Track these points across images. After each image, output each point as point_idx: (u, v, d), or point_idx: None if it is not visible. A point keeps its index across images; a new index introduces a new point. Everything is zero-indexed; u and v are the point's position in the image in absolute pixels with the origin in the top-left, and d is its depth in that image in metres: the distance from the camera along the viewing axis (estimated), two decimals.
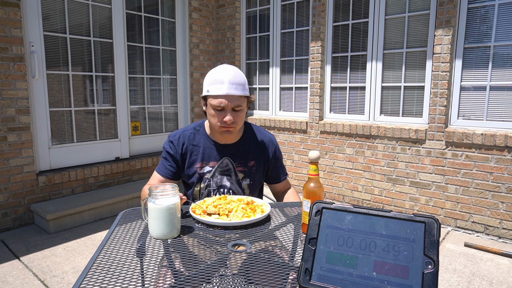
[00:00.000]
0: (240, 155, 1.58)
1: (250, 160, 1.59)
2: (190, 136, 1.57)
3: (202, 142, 1.57)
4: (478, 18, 2.97)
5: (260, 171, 1.63)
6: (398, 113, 3.48)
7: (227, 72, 1.42)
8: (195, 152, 1.56)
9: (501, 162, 2.88)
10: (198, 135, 1.58)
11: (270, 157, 1.64)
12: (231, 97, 1.40)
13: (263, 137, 1.64)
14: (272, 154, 1.64)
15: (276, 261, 1.02)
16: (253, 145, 1.61)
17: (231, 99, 1.41)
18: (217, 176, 1.55)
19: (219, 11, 4.71)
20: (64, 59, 3.49)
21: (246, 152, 1.59)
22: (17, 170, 3.10)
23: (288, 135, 4.20)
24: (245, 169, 1.58)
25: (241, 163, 1.57)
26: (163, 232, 1.12)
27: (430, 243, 0.76)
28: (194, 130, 1.59)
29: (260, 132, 1.66)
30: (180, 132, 1.59)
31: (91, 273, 0.93)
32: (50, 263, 2.54)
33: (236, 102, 1.42)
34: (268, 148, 1.63)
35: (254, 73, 4.61)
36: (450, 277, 2.40)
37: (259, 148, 1.62)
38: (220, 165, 1.55)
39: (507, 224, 2.90)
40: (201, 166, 1.55)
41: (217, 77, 1.42)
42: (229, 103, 1.41)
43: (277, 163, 1.68)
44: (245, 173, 1.58)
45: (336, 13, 3.79)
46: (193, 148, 1.56)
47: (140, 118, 4.23)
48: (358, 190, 3.72)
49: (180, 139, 1.56)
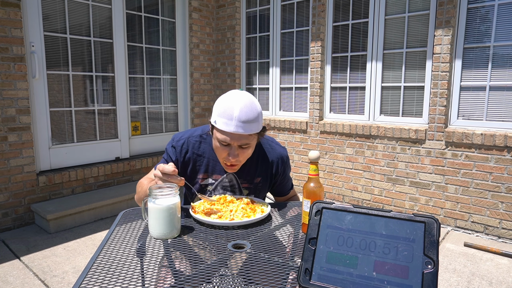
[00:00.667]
0: (246, 172, 1.49)
1: (256, 177, 1.50)
2: (195, 145, 1.47)
3: (207, 153, 1.47)
4: (478, 18, 2.97)
5: (266, 187, 1.56)
6: (398, 113, 3.48)
7: (238, 106, 1.26)
8: (198, 162, 1.47)
9: (500, 162, 2.88)
10: (204, 144, 1.48)
11: (278, 174, 1.55)
12: (238, 136, 1.28)
13: (273, 153, 1.53)
14: (281, 171, 1.55)
15: (276, 261, 1.02)
16: (261, 163, 1.51)
17: (238, 138, 1.29)
18: (219, 190, 1.49)
19: (219, 11, 4.71)
20: (64, 59, 3.50)
21: (253, 169, 1.50)
22: (17, 170, 3.11)
23: (288, 135, 4.20)
24: (250, 185, 1.51)
25: (246, 180, 1.49)
26: (163, 232, 1.12)
27: (430, 243, 0.77)
28: (201, 139, 1.48)
29: (271, 148, 1.54)
30: (185, 138, 1.48)
31: (91, 273, 0.93)
32: (50, 263, 2.54)
33: (244, 141, 1.30)
34: (277, 166, 1.53)
35: (254, 73, 4.61)
36: (450, 277, 2.41)
37: (268, 166, 1.52)
38: (224, 180, 1.48)
39: (506, 224, 2.91)
40: (204, 178, 1.48)
41: (226, 109, 1.27)
42: (235, 141, 1.29)
43: (284, 179, 1.59)
44: (250, 190, 1.51)
45: (336, 13, 3.79)
46: (197, 157, 1.47)
47: (140, 118, 4.23)
48: (358, 190, 3.72)
49: (183, 146, 1.46)
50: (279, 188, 1.62)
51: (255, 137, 1.35)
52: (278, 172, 1.54)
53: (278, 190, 1.63)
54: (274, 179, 1.56)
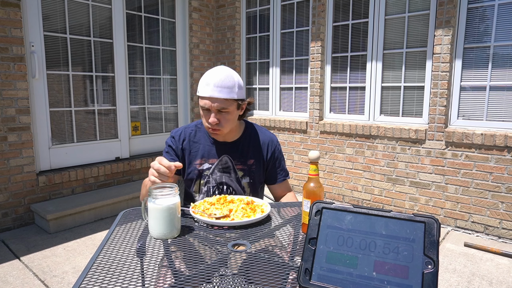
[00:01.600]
0: (239, 153, 1.59)
1: (249, 158, 1.60)
2: (191, 133, 1.61)
3: (202, 140, 1.60)
4: (478, 18, 2.97)
5: (260, 170, 1.64)
6: (398, 113, 3.48)
7: (216, 75, 1.42)
8: (195, 149, 1.59)
9: (501, 162, 2.88)
10: (199, 132, 1.62)
11: (269, 156, 1.64)
12: (214, 99, 1.42)
13: (263, 136, 1.65)
14: (271, 153, 1.65)
15: (276, 261, 1.02)
16: (253, 144, 1.63)
17: (214, 101, 1.42)
18: (217, 173, 1.58)
19: (219, 11, 4.71)
20: (64, 59, 3.49)
21: (246, 150, 1.60)
22: (17, 170, 3.10)
23: (288, 135, 4.20)
24: (244, 167, 1.60)
25: (240, 161, 1.59)
26: (163, 232, 1.12)
27: (430, 243, 0.77)
28: (196, 128, 1.63)
29: (262, 132, 1.67)
30: (182, 129, 1.63)
31: (91, 273, 0.93)
32: (50, 263, 2.54)
33: (221, 104, 1.43)
34: (267, 148, 1.64)
35: (254, 73, 4.61)
36: (450, 277, 2.41)
37: (259, 147, 1.63)
38: (220, 163, 1.58)
39: (507, 224, 2.90)
40: (201, 163, 1.58)
41: (206, 78, 1.44)
42: (212, 104, 1.43)
43: (275, 164, 1.68)
44: (244, 171, 1.60)
45: (336, 13, 3.79)
46: (193, 144, 1.60)
47: (140, 118, 4.23)
48: (358, 190, 3.72)
49: (181, 135, 1.61)
50: (272, 172, 1.68)
51: (232, 104, 1.46)
52: (269, 154, 1.65)
53: (271, 176, 1.69)
54: (267, 163, 1.65)
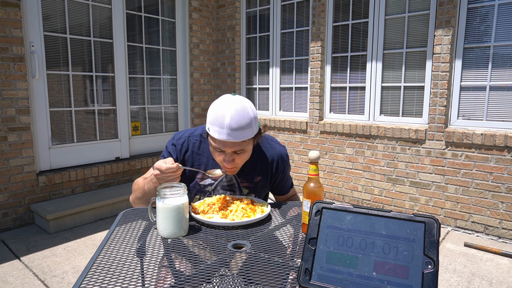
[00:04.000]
0: (246, 171, 1.48)
1: (256, 175, 1.49)
2: (195, 144, 1.47)
3: (207, 153, 1.47)
4: (478, 18, 2.97)
5: (266, 186, 1.55)
6: (398, 113, 3.48)
7: (228, 114, 1.24)
8: (198, 162, 1.47)
9: (501, 162, 2.88)
10: (204, 144, 1.48)
11: (277, 173, 1.54)
12: (231, 144, 1.27)
13: (273, 152, 1.52)
14: (281, 169, 1.54)
15: (276, 261, 1.02)
16: (261, 161, 1.50)
17: (231, 145, 1.28)
18: (219, 191, 1.48)
19: (219, 11, 4.71)
20: (64, 59, 3.49)
21: (253, 168, 1.49)
22: (17, 170, 3.10)
23: (288, 135, 4.20)
24: (250, 185, 1.50)
25: (246, 179, 1.49)
26: (173, 231, 1.13)
27: (430, 243, 0.77)
28: (201, 138, 1.48)
29: (271, 147, 1.53)
30: (186, 137, 1.48)
31: (91, 273, 0.93)
32: (50, 263, 2.54)
33: (237, 147, 1.29)
34: (277, 165, 1.52)
35: (254, 73, 4.61)
36: (450, 277, 2.41)
37: (267, 164, 1.51)
38: (223, 179, 1.47)
39: (507, 224, 2.90)
40: (203, 177, 1.47)
41: (218, 117, 1.25)
42: (228, 148, 1.29)
43: (284, 178, 1.58)
44: (250, 189, 1.50)
45: (336, 13, 3.79)
46: (196, 157, 1.47)
47: (140, 118, 4.23)
48: (358, 190, 3.72)
49: (184, 144, 1.47)
50: (279, 186, 1.61)
51: (249, 142, 1.33)
52: (278, 170, 1.53)
53: (278, 189, 1.62)
54: (274, 178, 1.55)
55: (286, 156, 1.56)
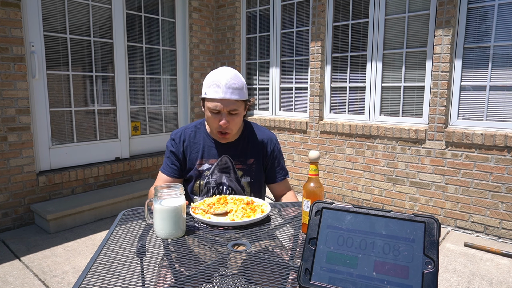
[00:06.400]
0: (239, 153, 1.59)
1: (249, 158, 1.60)
2: (191, 134, 1.61)
3: (202, 140, 1.60)
4: (478, 18, 2.97)
5: (260, 169, 1.64)
6: (398, 113, 3.48)
7: (225, 76, 1.43)
8: (195, 150, 1.59)
9: (501, 162, 2.88)
10: (199, 133, 1.62)
11: (268, 155, 1.64)
12: (226, 101, 1.42)
13: (263, 135, 1.65)
14: (270, 152, 1.64)
15: (276, 261, 1.02)
16: (252, 143, 1.62)
17: (227, 103, 1.42)
18: (216, 174, 1.58)
19: (219, 11, 4.71)
20: (64, 59, 3.49)
21: (245, 150, 1.60)
22: (17, 170, 3.10)
23: (288, 135, 4.20)
24: (244, 166, 1.59)
25: (240, 161, 1.59)
26: (170, 232, 1.13)
27: (430, 243, 0.77)
28: (195, 128, 1.63)
29: (261, 131, 1.66)
30: (182, 130, 1.63)
31: (91, 273, 0.93)
32: (50, 263, 2.54)
33: (232, 106, 1.44)
34: (266, 146, 1.64)
35: (254, 73, 4.61)
36: (450, 277, 2.41)
37: (258, 146, 1.63)
38: (219, 163, 1.58)
39: (507, 224, 2.90)
40: (200, 163, 1.58)
41: (214, 80, 1.43)
42: (225, 107, 1.43)
43: (275, 163, 1.67)
44: (244, 171, 1.60)
45: (336, 13, 3.79)
46: (193, 145, 1.59)
47: (140, 118, 4.23)
48: (358, 190, 3.72)
49: (181, 136, 1.60)
50: (271, 172, 1.68)
51: (242, 105, 1.48)
52: (269, 152, 1.64)
53: (270, 175, 1.68)
54: (266, 160, 1.65)
55: (275, 139, 1.69)
